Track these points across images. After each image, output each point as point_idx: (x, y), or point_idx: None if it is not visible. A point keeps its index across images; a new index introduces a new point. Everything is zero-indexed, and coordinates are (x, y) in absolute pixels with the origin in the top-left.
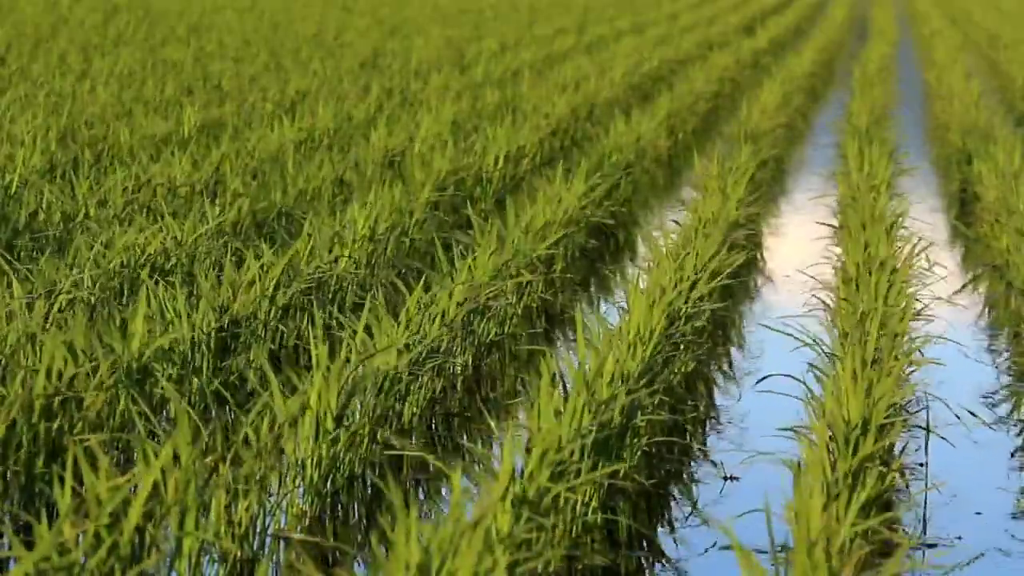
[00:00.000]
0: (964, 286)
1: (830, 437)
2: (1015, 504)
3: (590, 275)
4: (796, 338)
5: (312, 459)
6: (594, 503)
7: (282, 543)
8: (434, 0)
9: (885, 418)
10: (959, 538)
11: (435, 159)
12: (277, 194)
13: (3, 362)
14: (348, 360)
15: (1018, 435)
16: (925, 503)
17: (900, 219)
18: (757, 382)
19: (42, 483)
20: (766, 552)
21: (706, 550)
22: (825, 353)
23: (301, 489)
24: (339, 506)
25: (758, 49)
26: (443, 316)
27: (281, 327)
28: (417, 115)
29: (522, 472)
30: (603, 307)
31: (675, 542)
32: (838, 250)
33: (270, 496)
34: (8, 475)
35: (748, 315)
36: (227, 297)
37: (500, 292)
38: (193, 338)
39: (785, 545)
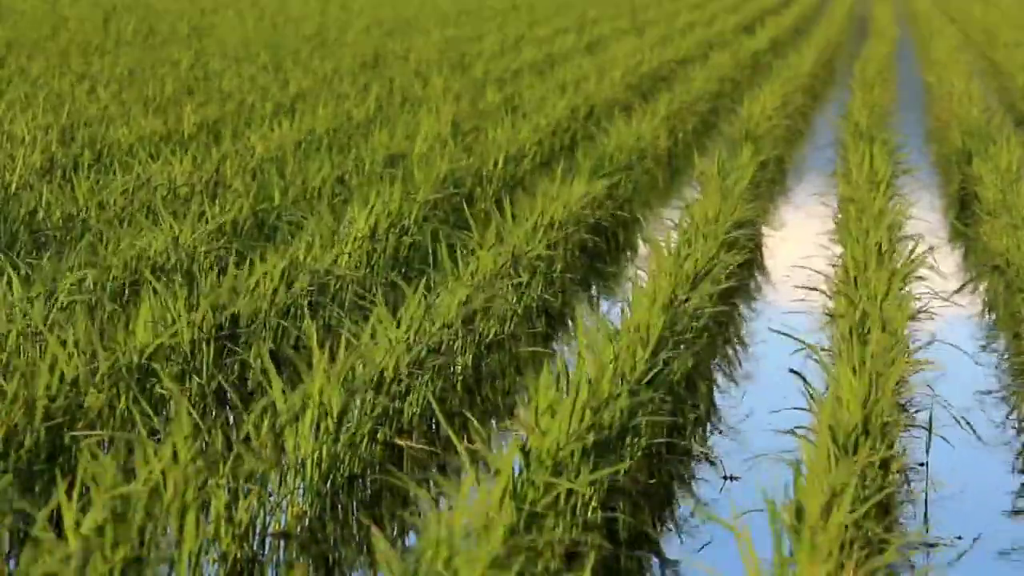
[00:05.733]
0: (964, 286)
1: (831, 437)
2: (1015, 504)
3: (590, 275)
4: (796, 338)
5: (312, 459)
6: (594, 502)
7: (282, 543)
8: (434, 0)
9: (885, 418)
10: (959, 538)
11: (435, 159)
12: (277, 194)
13: (3, 361)
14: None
15: (1018, 435)
16: (925, 503)
17: (900, 219)
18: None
19: (42, 483)
20: (767, 552)
21: (703, 547)
22: (825, 353)
23: (301, 489)
24: (339, 506)
25: (758, 49)
26: (444, 316)
27: (282, 325)
28: (417, 115)
29: (521, 472)
30: (603, 307)
31: (676, 541)
32: (838, 249)
33: (270, 496)
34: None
35: (748, 314)
36: (228, 297)
37: (500, 294)
38: (193, 338)
39: (786, 544)
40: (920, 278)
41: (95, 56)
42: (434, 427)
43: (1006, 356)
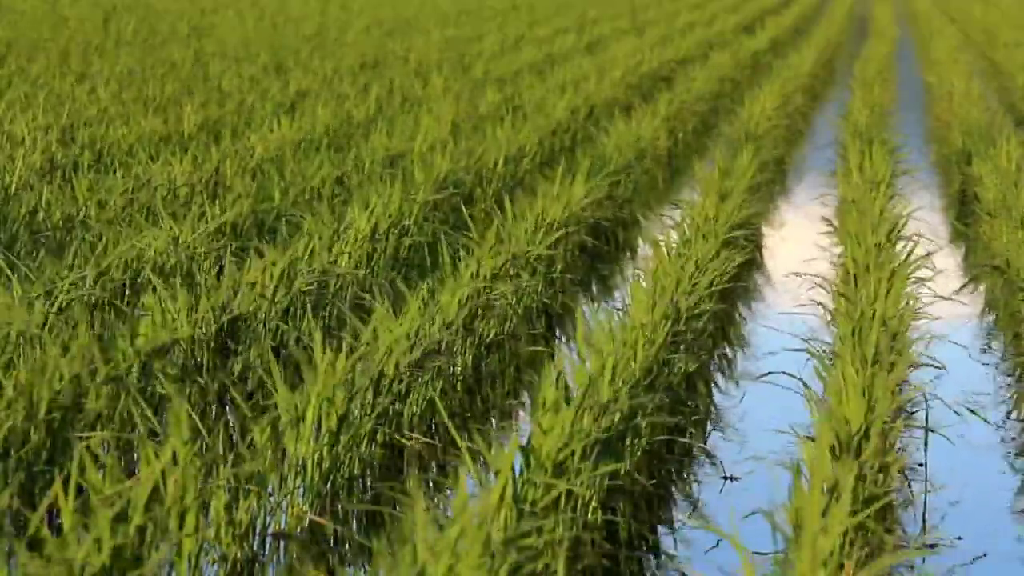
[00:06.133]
0: (964, 286)
1: (831, 437)
2: (1015, 504)
3: (590, 275)
4: (796, 337)
5: (312, 459)
6: (594, 503)
7: (282, 543)
8: (434, 0)
9: (886, 418)
10: (959, 538)
11: (435, 159)
12: (277, 194)
13: (3, 363)
14: (349, 359)
15: (1018, 435)
16: (925, 503)
17: (900, 219)
18: (760, 376)
19: (43, 483)
20: (767, 552)
21: (707, 551)
22: (825, 353)
23: (301, 489)
24: (339, 506)
25: (758, 49)
26: (443, 317)
27: (281, 326)
28: (417, 115)
29: (522, 472)
30: (603, 307)
31: (677, 541)
32: (838, 250)
33: (270, 496)
34: (8, 475)
35: (748, 315)
36: (228, 297)
37: (500, 295)
38: (193, 338)
39: (786, 544)
40: (920, 278)
41: (95, 56)
42: (434, 427)
43: (1006, 356)
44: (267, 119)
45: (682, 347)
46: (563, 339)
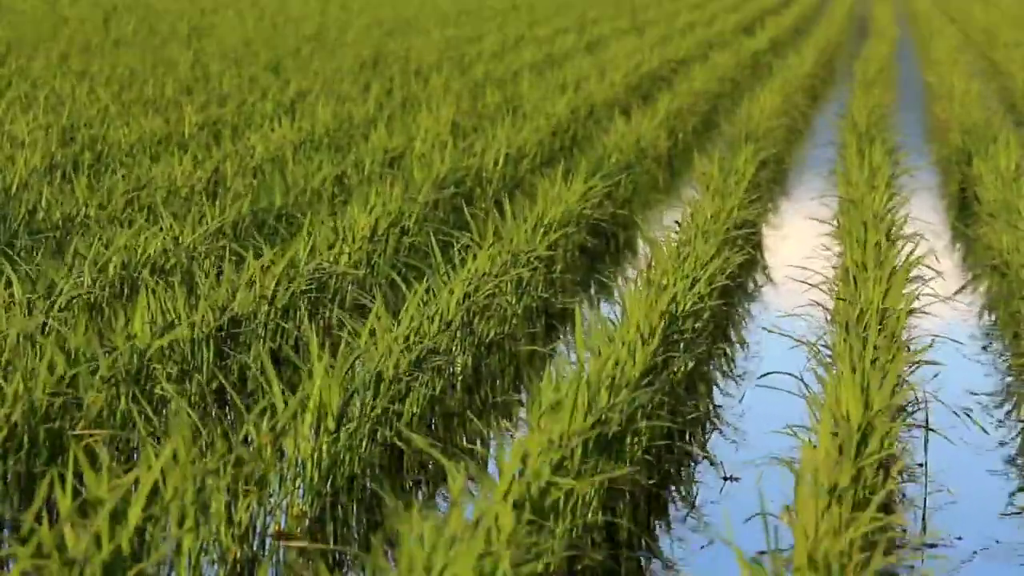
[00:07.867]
0: (964, 286)
1: (831, 438)
2: (1015, 504)
3: (590, 275)
4: (795, 338)
5: (312, 459)
6: (595, 503)
7: (282, 543)
8: (434, 0)
9: (885, 418)
10: (959, 538)
11: (435, 159)
12: (277, 194)
13: (2, 363)
14: (350, 359)
15: (1017, 435)
16: (924, 503)
17: (900, 219)
18: (761, 377)
19: (42, 483)
20: (765, 553)
21: (703, 547)
22: (824, 353)
23: (301, 489)
24: (339, 507)
25: (758, 49)
26: (442, 316)
27: (281, 325)
28: (417, 115)
29: (522, 473)
30: (603, 307)
31: (677, 541)
32: (838, 249)
33: (270, 496)
34: (8, 475)
35: (748, 315)
36: (227, 297)
37: (499, 291)
38: (193, 338)
39: (786, 546)
40: (920, 278)
41: (95, 56)
42: (434, 427)
43: (1006, 356)
44: (267, 119)
45: (681, 346)
46: (563, 339)
